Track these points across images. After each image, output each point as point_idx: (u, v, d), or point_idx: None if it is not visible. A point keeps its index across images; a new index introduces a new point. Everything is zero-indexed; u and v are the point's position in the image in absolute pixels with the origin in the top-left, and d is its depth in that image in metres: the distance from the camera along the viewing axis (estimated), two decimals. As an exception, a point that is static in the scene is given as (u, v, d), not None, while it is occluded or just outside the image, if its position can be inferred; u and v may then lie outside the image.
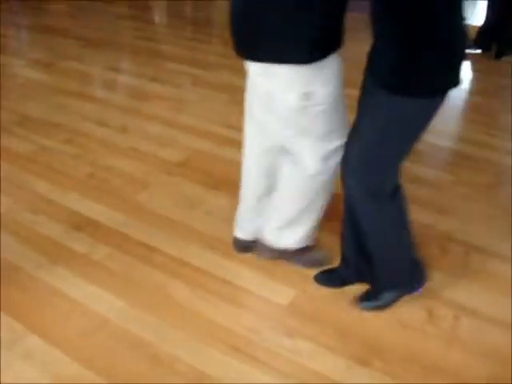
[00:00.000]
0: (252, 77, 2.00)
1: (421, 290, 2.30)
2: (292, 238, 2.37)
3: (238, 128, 3.64)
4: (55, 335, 2.14)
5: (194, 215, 2.82)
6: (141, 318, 2.22)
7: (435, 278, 2.45)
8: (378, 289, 2.25)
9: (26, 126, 3.75)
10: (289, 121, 1.98)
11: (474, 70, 5.39)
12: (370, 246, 2.10)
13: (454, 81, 1.71)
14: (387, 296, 2.24)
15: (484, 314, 2.28)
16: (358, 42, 1.76)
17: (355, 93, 1.94)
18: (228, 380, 1.97)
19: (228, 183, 3.07)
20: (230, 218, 2.72)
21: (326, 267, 2.44)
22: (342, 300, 2.29)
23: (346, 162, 1.97)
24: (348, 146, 1.96)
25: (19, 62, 5.01)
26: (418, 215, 2.83)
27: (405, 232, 2.11)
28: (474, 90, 4.93)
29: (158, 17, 7.28)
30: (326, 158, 2.08)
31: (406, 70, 1.67)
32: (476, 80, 5.20)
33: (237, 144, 3.44)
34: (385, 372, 2.01)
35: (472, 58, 5.52)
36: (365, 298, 2.27)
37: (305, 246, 2.42)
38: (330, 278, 2.38)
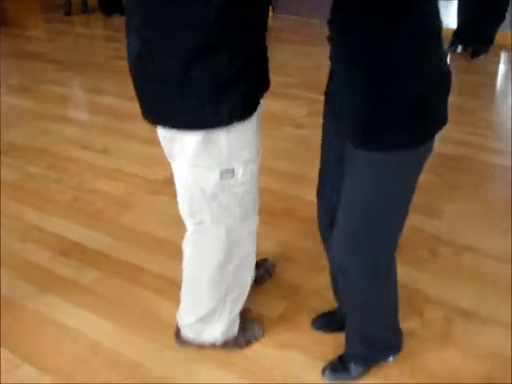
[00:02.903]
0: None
1: (392, 359, 2.07)
2: (213, 334, 2.08)
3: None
4: (49, 364, 2.12)
5: (180, 233, 2.79)
6: (133, 340, 2.21)
7: (425, 281, 2.46)
8: (348, 361, 2.02)
9: (10, 153, 3.73)
10: (201, 206, 1.74)
11: (452, 69, 5.43)
12: (353, 320, 1.91)
13: (439, 122, 1.52)
14: (358, 369, 2.01)
15: (477, 315, 2.28)
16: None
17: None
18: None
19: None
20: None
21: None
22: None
23: (333, 240, 1.72)
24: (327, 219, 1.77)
25: (-1, 89, 5.00)
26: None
27: (394, 304, 1.92)
28: (452, 90, 4.95)
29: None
30: (232, 246, 1.86)
31: (377, 124, 1.44)
32: (454, 80, 5.24)
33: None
34: (384, 380, 2.01)
35: (449, 57, 5.57)
36: (333, 369, 2.03)
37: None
38: (329, 323, 2.20)
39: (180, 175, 1.73)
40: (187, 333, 2.11)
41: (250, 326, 2.18)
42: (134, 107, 1.78)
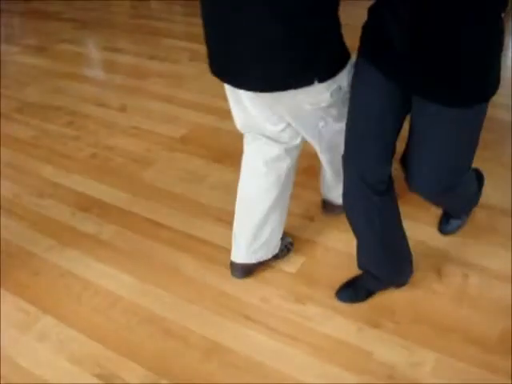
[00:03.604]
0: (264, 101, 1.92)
1: None
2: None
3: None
4: (69, 315, 2.17)
5: (198, 189, 2.84)
6: (152, 293, 2.25)
7: (442, 239, 2.45)
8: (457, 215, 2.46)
9: (25, 111, 3.75)
10: (320, 116, 1.96)
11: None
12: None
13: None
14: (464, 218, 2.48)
15: (492, 271, 2.28)
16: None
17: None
18: (241, 348, 2.00)
19: (231, 155, 3.06)
20: (234, 190, 2.74)
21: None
22: (350, 264, 2.29)
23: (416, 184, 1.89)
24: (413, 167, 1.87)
25: (14, 48, 4.98)
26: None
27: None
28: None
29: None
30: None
31: (482, 82, 1.61)
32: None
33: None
34: (396, 333, 2.03)
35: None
36: (447, 225, 2.47)
37: None
38: (355, 293, 2.18)
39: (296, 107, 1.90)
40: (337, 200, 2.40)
41: None
42: (152, 66, 1.80)
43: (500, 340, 1.99)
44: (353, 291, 2.19)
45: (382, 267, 2.10)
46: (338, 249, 2.39)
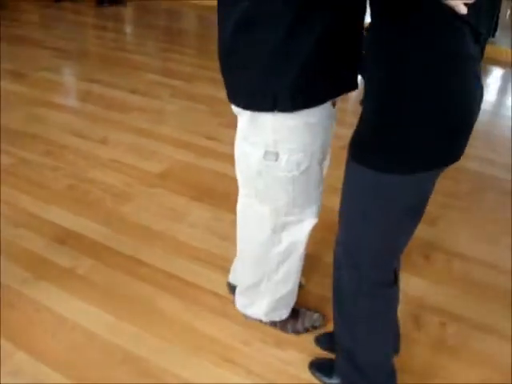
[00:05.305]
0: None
1: None
2: (258, 310, 2.17)
3: (218, 139, 3.68)
4: (44, 351, 2.11)
5: (177, 227, 2.82)
6: (129, 331, 2.20)
7: (420, 286, 2.48)
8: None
9: (2, 138, 3.69)
10: (249, 180, 1.80)
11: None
12: (342, 340, 1.84)
13: (450, 156, 1.49)
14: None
15: (470, 320, 2.32)
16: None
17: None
18: (220, 392, 1.98)
19: (210, 194, 3.07)
20: (214, 230, 2.74)
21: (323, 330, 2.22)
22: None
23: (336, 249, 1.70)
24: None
25: (-8, 73, 4.94)
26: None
27: (387, 333, 1.78)
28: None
29: (130, 27, 7.23)
30: (278, 230, 1.87)
31: (381, 143, 1.40)
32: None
33: (217, 155, 3.47)
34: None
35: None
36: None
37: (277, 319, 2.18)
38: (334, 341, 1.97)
39: (236, 147, 1.80)
40: (238, 300, 2.22)
41: (308, 313, 2.23)
42: (132, 100, 1.79)
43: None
44: (332, 339, 2.17)
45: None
46: (317, 292, 2.38)
